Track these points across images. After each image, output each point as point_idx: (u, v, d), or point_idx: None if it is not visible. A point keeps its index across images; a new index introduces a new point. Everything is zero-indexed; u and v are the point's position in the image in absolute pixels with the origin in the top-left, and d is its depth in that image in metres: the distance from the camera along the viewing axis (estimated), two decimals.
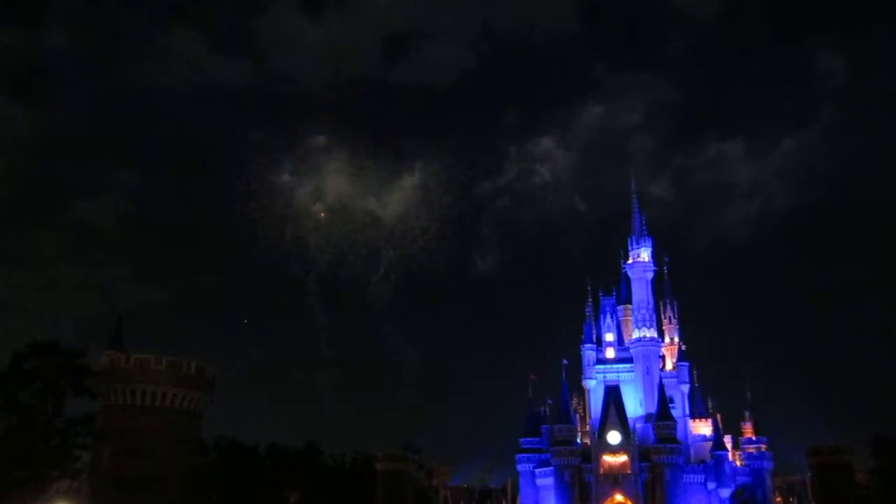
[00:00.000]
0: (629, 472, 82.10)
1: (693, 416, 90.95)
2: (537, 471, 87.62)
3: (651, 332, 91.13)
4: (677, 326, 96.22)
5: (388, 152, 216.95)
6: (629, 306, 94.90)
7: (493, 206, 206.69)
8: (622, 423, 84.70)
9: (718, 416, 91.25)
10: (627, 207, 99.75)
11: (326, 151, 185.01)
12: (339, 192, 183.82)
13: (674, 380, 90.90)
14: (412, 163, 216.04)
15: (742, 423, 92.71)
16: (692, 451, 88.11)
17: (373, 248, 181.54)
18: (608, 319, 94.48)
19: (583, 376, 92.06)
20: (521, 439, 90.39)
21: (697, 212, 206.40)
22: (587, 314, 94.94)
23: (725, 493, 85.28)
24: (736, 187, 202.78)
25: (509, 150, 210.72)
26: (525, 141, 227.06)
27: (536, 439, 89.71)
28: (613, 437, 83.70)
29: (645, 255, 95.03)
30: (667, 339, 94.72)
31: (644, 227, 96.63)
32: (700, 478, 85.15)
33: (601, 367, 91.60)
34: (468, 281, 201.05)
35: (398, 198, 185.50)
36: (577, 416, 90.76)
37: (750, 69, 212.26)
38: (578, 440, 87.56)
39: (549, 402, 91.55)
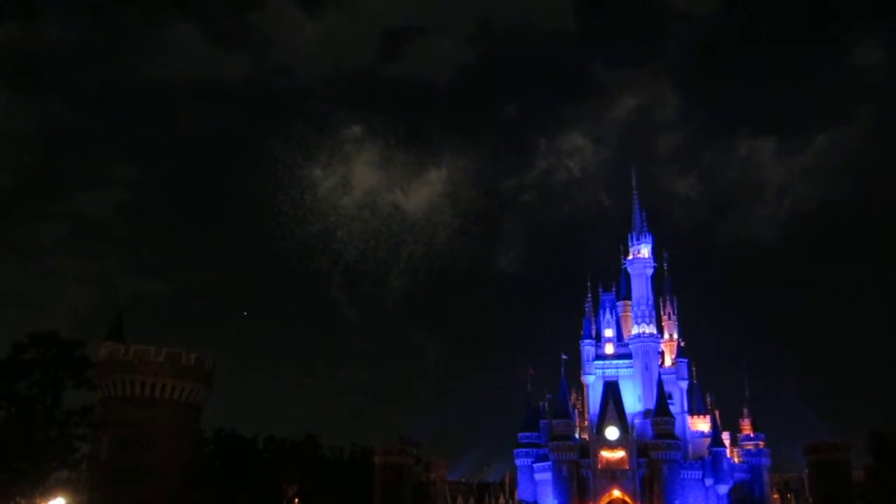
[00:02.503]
0: (627, 467, 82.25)
1: (691, 412, 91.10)
2: (535, 465, 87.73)
3: (650, 329, 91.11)
4: (677, 323, 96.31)
5: (417, 146, 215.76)
6: (629, 302, 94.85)
7: (518, 201, 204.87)
8: (621, 419, 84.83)
9: (717, 413, 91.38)
10: (651, 205, 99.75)
11: (358, 143, 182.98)
12: (366, 185, 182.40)
13: (673, 376, 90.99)
14: (440, 156, 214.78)
15: (740, 420, 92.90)
16: (690, 448, 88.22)
17: (395, 242, 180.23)
18: (608, 315, 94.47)
19: (582, 372, 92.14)
20: (520, 434, 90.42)
21: (724, 210, 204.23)
22: (587, 310, 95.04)
23: (723, 489, 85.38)
24: (765, 186, 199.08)
25: (537, 145, 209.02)
26: (553, 136, 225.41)
27: (535, 434, 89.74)
28: (612, 433, 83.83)
29: (645, 251, 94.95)
30: (666, 336, 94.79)
31: (644, 224, 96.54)
32: (698, 474, 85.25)
33: (600, 362, 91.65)
34: (488, 278, 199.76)
35: (424, 192, 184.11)
36: (576, 411, 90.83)
37: (788, 66, 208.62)
38: (577, 435, 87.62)
39: (548, 397, 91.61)
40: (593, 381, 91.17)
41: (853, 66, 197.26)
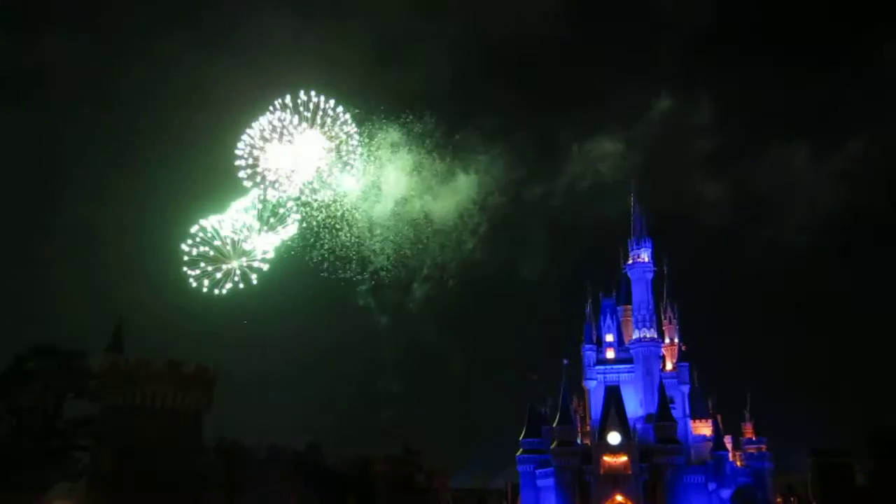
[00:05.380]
0: (629, 472, 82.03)
1: (693, 416, 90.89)
2: (538, 471, 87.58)
3: (651, 333, 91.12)
4: (677, 327, 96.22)
5: (448, 152, 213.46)
6: (629, 307, 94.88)
7: (546, 207, 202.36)
8: (622, 424, 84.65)
9: (719, 417, 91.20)
10: (678, 210, 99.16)
11: (391, 149, 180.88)
12: (396, 191, 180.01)
13: (674, 380, 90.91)
14: (469, 160, 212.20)
15: (742, 424, 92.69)
16: (692, 452, 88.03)
17: (421, 248, 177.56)
18: (608, 320, 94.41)
19: (583, 377, 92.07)
20: (522, 440, 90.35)
21: (753, 216, 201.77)
22: (587, 315, 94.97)
23: (726, 493, 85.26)
24: (796, 191, 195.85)
25: (569, 151, 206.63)
26: (584, 141, 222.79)
27: (537, 440, 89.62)
28: (614, 438, 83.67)
29: (645, 255, 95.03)
30: (667, 340, 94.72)
31: (644, 229, 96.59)
32: (700, 478, 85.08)
33: (601, 367, 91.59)
34: (513, 285, 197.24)
35: (453, 198, 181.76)
36: (578, 416, 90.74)
37: (821, 66, 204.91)
38: (579, 441, 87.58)
39: (550, 402, 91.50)
40: (595, 387, 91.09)
41: (887, 62, 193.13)
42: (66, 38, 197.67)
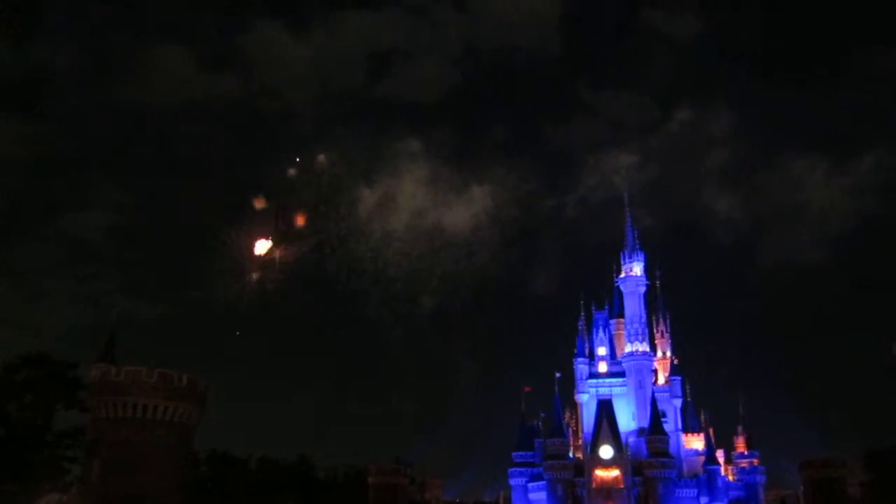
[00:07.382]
0: (622, 486, 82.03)
1: (685, 430, 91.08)
2: (530, 485, 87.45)
3: (643, 346, 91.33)
4: (670, 340, 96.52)
5: (461, 162, 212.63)
6: (622, 320, 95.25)
7: (559, 220, 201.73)
8: (615, 438, 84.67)
9: (711, 431, 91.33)
10: (688, 223, 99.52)
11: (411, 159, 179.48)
12: (412, 203, 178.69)
13: (666, 394, 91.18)
14: (483, 173, 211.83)
15: (734, 438, 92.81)
16: (685, 466, 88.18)
17: (434, 261, 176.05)
18: (601, 333, 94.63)
19: (575, 390, 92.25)
20: (514, 453, 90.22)
21: (764, 230, 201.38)
22: (580, 328, 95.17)
23: None
24: (808, 206, 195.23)
25: (583, 163, 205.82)
26: (599, 154, 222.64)
27: (529, 453, 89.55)
28: (606, 452, 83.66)
29: (637, 269, 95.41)
30: (659, 354, 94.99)
31: (637, 242, 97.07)
32: (693, 492, 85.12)
33: (594, 381, 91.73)
34: (523, 298, 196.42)
35: (467, 210, 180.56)
36: (570, 430, 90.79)
37: (835, 81, 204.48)
38: (571, 454, 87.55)
39: (542, 415, 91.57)
40: (587, 400, 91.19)
41: None
42: (59, 50, 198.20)
